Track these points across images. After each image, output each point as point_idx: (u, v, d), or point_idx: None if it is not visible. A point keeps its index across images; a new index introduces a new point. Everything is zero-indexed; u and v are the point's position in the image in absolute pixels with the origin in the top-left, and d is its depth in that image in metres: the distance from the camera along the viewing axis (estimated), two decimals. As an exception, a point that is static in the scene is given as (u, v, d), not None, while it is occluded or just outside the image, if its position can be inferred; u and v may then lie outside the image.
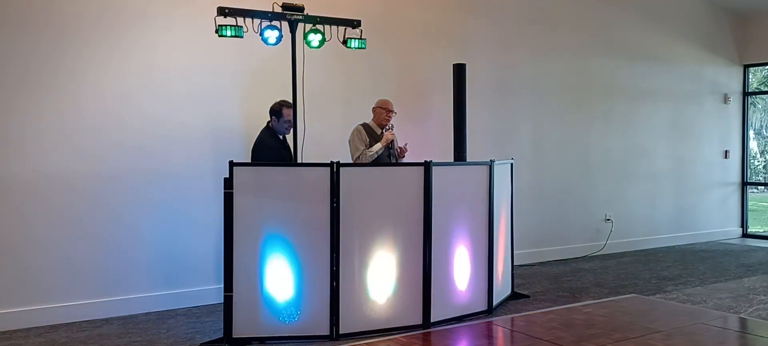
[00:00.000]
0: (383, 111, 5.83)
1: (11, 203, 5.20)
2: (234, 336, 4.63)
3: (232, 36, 5.14)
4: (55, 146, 5.34)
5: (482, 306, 5.47)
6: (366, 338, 4.80)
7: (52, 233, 5.33)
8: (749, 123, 10.29)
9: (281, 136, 5.69)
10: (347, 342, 4.74)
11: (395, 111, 5.89)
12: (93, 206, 5.47)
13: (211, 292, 5.84)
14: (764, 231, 11.00)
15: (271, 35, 5.24)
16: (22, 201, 5.24)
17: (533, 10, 7.95)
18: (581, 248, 8.33)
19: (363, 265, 4.87)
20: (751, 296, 6.08)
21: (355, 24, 5.64)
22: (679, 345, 4.58)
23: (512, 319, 5.42)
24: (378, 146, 5.70)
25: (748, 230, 10.20)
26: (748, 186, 10.28)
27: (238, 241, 4.63)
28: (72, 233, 5.40)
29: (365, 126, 5.84)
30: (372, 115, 5.94)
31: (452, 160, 6.11)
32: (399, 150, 5.90)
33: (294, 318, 4.72)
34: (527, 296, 6.14)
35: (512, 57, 7.79)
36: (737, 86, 10.07)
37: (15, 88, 5.21)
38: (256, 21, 5.25)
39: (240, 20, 5.17)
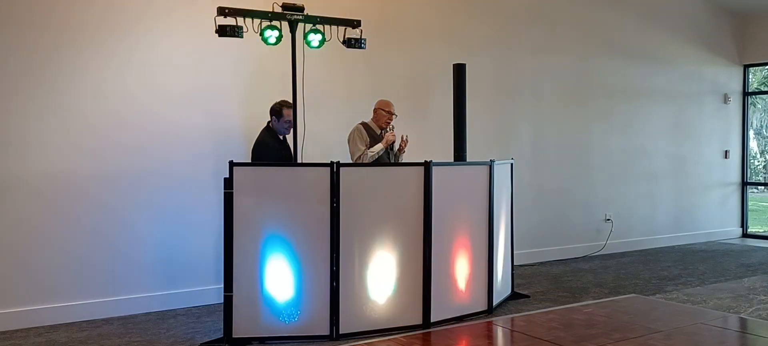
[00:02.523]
0: (384, 113, 5.82)
1: (11, 202, 5.21)
2: (234, 336, 4.63)
3: (232, 36, 5.14)
4: (56, 146, 5.34)
5: (482, 306, 5.47)
6: (366, 338, 4.80)
7: (52, 232, 5.33)
8: (749, 123, 10.28)
9: (281, 137, 5.69)
10: (347, 342, 4.74)
11: (396, 113, 5.88)
12: (93, 206, 5.47)
13: (211, 292, 5.84)
14: (764, 231, 11.00)
15: (272, 35, 5.24)
16: (22, 201, 5.24)
17: (533, 10, 7.95)
18: (581, 248, 8.33)
19: (363, 265, 4.87)
20: (751, 296, 6.08)
21: (355, 24, 5.64)
22: (679, 345, 4.58)
23: (512, 319, 5.42)
24: (379, 147, 5.69)
25: (748, 230, 10.20)
26: (748, 186, 10.28)
27: (238, 241, 4.62)
28: (72, 233, 5.40)
29: (365, 126, 5.84)
30: (372, 115, 5.92)
31: (452, 160, 6.10)
32: (402, 143, 5.88)
33: (294, 318, 4.72)
34: (527, 296, 6.14)
35: (512, 57, 7.79)
36: (737, 86, 10.07)
37: (15, 87, 5.21)
38: (256, 21, 5.25)
39: (240, 20, 5.17)
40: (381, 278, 4.93)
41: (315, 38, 5.44)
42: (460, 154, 6.09)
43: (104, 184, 5.51)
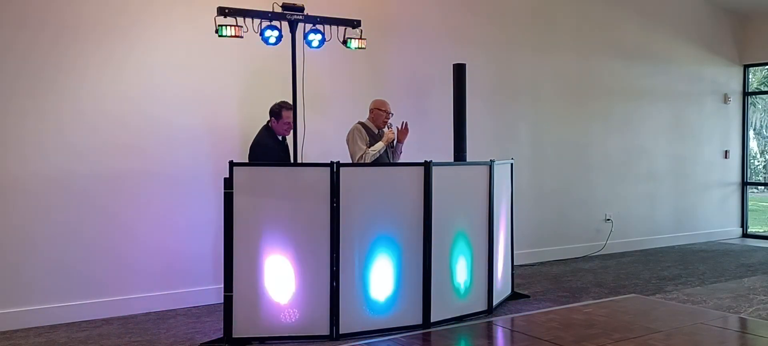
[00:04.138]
0: (381, 112, 5.81)
1: (11, 203, 5.20)
2: (234, 336, 4.63)
3: (232, 36, 5.15)
4: (55, 147, 5.34)
5: (482, 306, 5.48)
6: (366, 338, 4.81)
7: (52, 233, 5.33)
8: (749, 123, 10.28)
9: (280, 137, 5.68)
10: (347, 342, 4.74)
11: (392, 112, 5.88)
12: (93, 207, 5.47)
13: (211, 292, 5.84)
14: (764, 231, 11.00)
15: (272, 35, 5.25)
16: (22, 201, 5.24)
17: (533, 10, 7.95)
18: (581, 248, 8.33)
19: (363, 265, 4.87)
20: (751, 296, 6.08)
21: (355, 24, 5.64)
22: (679, 345, 4.58)
23: (512, 319, 5.42)
24: (380, 145, 5.68)
25: (748, 230, 10.20)
26: (748, 186, 10.28)
27: (238, 241, 4.62)
28: (72, 233, 5.40)
29: (363, 125, 5.82)
30: (368, 115, 5.89)
31: (452, 160, 6.10)
32: (403, 131, 5.87)
33: (294, 318, 4.72)
34: (527, 296, 6.14)
35: (512, 57, 7.79)
36: (737, 86, 10.07)
37: (13, 88, 5.20)
38: (256, 21, 5.25)
39: (240, 20, 5.17)
40: (381, 278, 4.93)
41: (315, 38, 5.44)
42: (460, 154, 6.09)
43: (104, 184, 5.51)
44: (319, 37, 5.44)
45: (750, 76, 10.25)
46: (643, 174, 9.03)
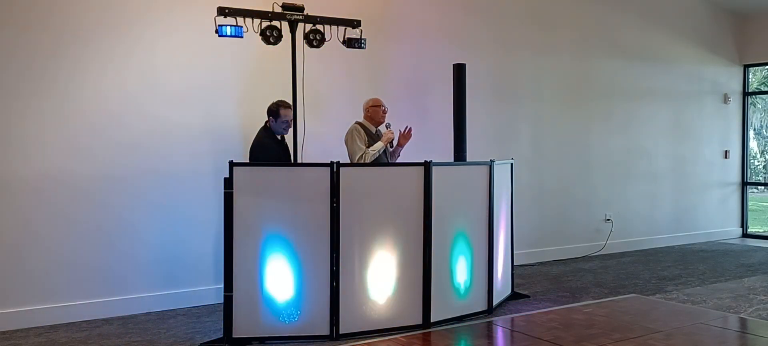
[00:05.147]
0: (378, 109, 5.80)
1: (11, 202, 5.21)
2: (234, 336, 4.63)
3: (232, 36, 5.15)
4: (56, 146, 5.34)
5: (482, 306, 5.48)
6: (366, 338, 4.81)
7: (52, 232, 5.33)
8: (749, 123, 10.28)
9: (279, 136, 5.68)
10: (347, 342, 4.74)
11: (387, 108, 5.87)
12: (93, 206, 5.47)
13: (211, 292, 5.84)
14: (764, 231, 11.00)
15: (272, 35, 5.26)
16: (23, 201, 5.24)
17: (533, 10, 7.95)
18: (581, 248, 8.32)
19: (363, 265, 4.87)
20: (751, 296, 6.08)
21: (355, 24, 5.65)
22: (679, 345, 4.58)
23: (512, 319, 5.42)
24: (380, 145, 5.67)
25: (748, 230, 10.20)
26: (748, 186, 10.28)
27: (238, 241, 4.63)
28: (72, 233, 5.40)
29: (361, 125, 5.81)
30: (364, 115, 5.87)
31: (452, 160, 6.10)
32: (405, 135, 5.87)
33: (294, 318, 4.72)
34: (527, 296, 6.14)
35: (512, 57, 7.79)
36: (737, 86, 10.07)
37: (16, 88, 5.21)
38: (256, 21, 5.26)
39: (240, 20, 5.17)
40: (381, 278, 4.93)
41: (315, 38, 5.44)
42: (460, 154, 6.09)
43: (104, 183, 5.51)
44: (319, 36, 5.46)
45: (750, 76, 10.25)
46: (643, 174, 9.02)
